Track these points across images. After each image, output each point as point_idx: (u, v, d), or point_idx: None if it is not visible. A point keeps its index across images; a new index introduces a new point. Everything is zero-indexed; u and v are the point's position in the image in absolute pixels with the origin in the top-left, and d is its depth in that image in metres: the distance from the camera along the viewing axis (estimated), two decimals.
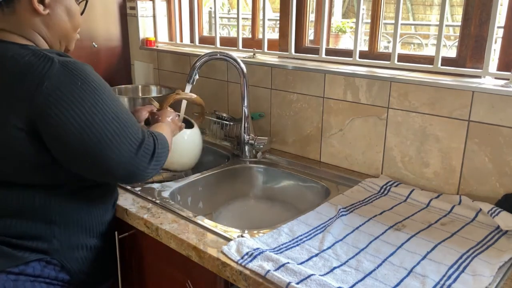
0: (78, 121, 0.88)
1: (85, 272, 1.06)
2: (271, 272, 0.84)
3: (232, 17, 4.83)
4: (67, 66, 0.89)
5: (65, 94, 0.87)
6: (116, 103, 0.95)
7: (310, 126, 1.51)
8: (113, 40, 2.12)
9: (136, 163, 0.95)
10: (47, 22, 0.98)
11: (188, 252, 0.98)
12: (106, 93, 0.93)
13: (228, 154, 1.59)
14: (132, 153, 0.94)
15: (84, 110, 0.88)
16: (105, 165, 0.92)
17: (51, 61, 0.89)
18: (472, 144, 1.17)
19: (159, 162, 1.01)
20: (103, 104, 0.91)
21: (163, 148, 1.03)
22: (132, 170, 0.95)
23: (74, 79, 0.89)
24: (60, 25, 1.01)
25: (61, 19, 1.00)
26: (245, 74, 1.48)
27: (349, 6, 4.81)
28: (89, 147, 0.90)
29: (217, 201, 1.43)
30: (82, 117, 0.88)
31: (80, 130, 0.88)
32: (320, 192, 1.34)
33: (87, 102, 0.89)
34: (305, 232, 1.02)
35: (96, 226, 1.07)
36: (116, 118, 0.93)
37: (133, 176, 0.97)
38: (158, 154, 1.00)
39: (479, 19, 1.21)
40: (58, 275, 1.00)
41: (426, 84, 1.22)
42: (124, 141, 0.93)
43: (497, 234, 1.02)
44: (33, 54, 0.90)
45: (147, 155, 0.97)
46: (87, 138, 0.89)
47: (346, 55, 1.47)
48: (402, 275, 0.86)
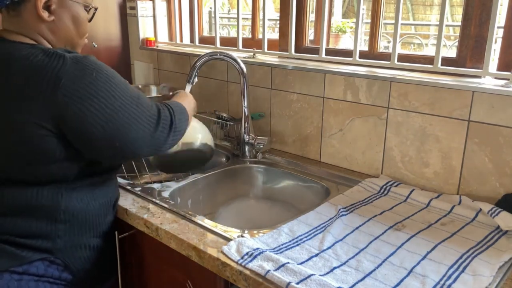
0: (100, 111, 0.91)
1: (88, 271, 1.06)
2: (271, 272, 0.84)
3: (232, 17, 4.83)
4: (78, 60, 0.91)
5: (83, 88, 0.89)
6: (128, 86, 0.98)
7: (310, 126, 1.51)
8: (113, 40, 2.12)
9: (157, 137, 1.00)
10: (52, 28, 0.98)
11: (188, 252, 0.98)
12: (117, 78, 0.96)
13: (228, 154, 1.59)
14: (152, 129, 0.99)
15: (103, 99, 0.91)
16: (131, 147, 0.96)
17: (63, 58, 0.90)
18: (472, 144, 1.17)
19: (179, 131, 1.07)
20: (118, 89, 0.94)
21: (181, 116, 1.07)
22: (155, 145, 1.00)
23: (88, 71, 0.90)
24: (65, 32, 1.01)
25: (66, 26, 1.00)
26: (245, 74, 1.48)
27: (349, 6, 4.81)
28: (113, 135, 0.93)
29: (217, 201, 1.43)
30: (103, 106, 0.91)
31: (103, 119, 0.91)
32: (320, 192, 1.34)
33: (104, 91, 0.91)
34: (305, 232, 1.02)
35: (99, 225, 1.08)
36: (131, 100, 0.96)
37: (157, 150, 1.03)
38: (177, 124, 1.05)
39: (479, 19, 1.21)
40: (62, 275, 1.01)
41: (426, 84, 1.22)
42: (144, 120, 0.97)
43: (497, 234, 1.02)
44: (44, 53, 0.91)
45: (165, 128, 1.02)
46: (111, 125, 0.92)
47: (346, 55, 1.47)
48: (402, 275, 0.86)
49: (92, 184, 1.04)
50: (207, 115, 1.76)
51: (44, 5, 0.95)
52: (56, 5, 0.97)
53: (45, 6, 0.95)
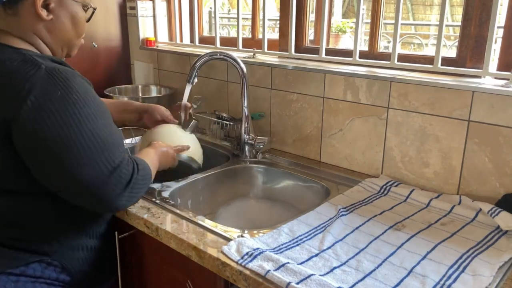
0: (52, 131, 0.86)
1: (86, 272, 1.06)
2: (271, 272, 0.84)
3: (232, 17, 4.83)
4: (53, 74, 0.88)
5: (43, 102, 0.85)
6: (98, 120, 0.91)
7: (310, 126, 1.51)
8: (113, 40, 2.12)
9: (108, 187, 0.90)
10: (49, 27, 0.96)
11: (188, 252, 0.98)
12: (88, 107, 0.90)
13: (228, 154, 1.59)
14: (103, 175, 0.90)
15: (60, 121, 0.86)
16: (75, 182, 0.88)
17: (38, 67, 0.88)
18: (472, 144, 1.17)
19: (136, 193, 0.97)
20: (81, 118, 0.88)
21: (143, 179, 0.99)
22: (103, 194, 0.90)
23: (55, 88, 0.87)
24: (63, 31, 0.99)
25: (64, 26, 0.98)
26: (245, 74, 1.48)
27: (349, 6, 4.81)
28: (58, 159, 0.87)
29: (217, 201, 1.43)
30: (56, 127, 0.86)
31: (53, 140, 0.86)
32: (320, 192, 1.34)
33: (62, 114, 0.86)
34: (305, 232, 1.02)
35: (94, 227, 1.07)
36: (92, 135, 0.89)
37: (104, 201, 0.92)
38: (135, 184, 0.96)
39: (479, 19, 1.21)
40: (59, 276, 1.00)
41: (426, 84, 1.22)
42: (97, 161, 0.89)
43: (497, 234, 1.02)
44: (23, 59, 0.89)
45: (120, 183, 0.92)
46: (58, 149, 0.86)
47: (346, 55, 1.47)
48: (402, 275, 0.86)
49: None
50: (207, 115, 1.76)
51: (43, 3, 0.93)
52: (55, 4, 0.95)
53: (43, 4, 0.93)
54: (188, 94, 1.47)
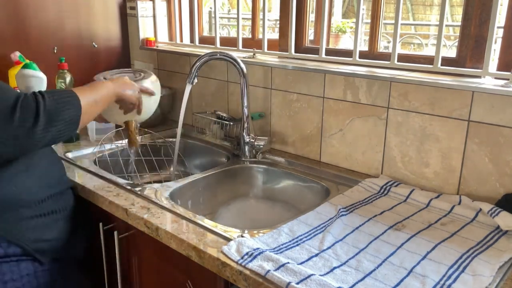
0: None
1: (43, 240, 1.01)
2: (271, 272, 0.84)
3: (232, 17, 4.83)
4: None
5: None
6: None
7: (310, 126, 1.51)
8: (113, 40, 2.12)
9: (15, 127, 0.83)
10: None
11: (188, 252, 0.98)
12: None
13: (228, 154, 1.59)
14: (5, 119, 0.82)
15: None
16: None
17: None
18: (472, 144, 1.17)
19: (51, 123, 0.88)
20: None
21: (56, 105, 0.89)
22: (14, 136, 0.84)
23: None
24: None
25: None
26: (245, 74, 1.48)
27: (349, 6, 4.81)
28: None
29: (217, 201, 1.43)
30: None
31: None
32: (320, 192, 1.34)
33: None
34: (305, 232, 1.02)
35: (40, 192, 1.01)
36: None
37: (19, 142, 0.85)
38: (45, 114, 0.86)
39: (479, 19, 1.21)
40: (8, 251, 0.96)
41: (426, 84, 1.22)
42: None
43: (497, 234, 1.02)
44: None
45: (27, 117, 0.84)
46: None
47: (346, 55, 1.47)
48: (402, 275, 0.86)
49: None
50: (207, 115, 1.76)
51: None
52: None
53: None
54: (188, 94, 1.47)
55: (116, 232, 1.18)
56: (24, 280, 1.00)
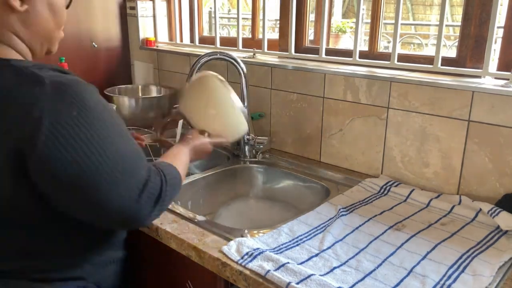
0: (72, 158, 0.74)
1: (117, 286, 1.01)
2: (271, 272, 0.84)
3: (232, 17, 4.83)
4: (61, 90, 0.75)
5: (60, 128, 0.73)
6: (119, 138, 0.81)
7: (310, 126, 1.51)
8: (113, 40, 2.12)
9: (137, 208, 0.80)
10: (25, 20, 0.81)
11: (188, 252, 0.98)
12: (106, 123, 0.79)
13: (228, 154, 1.59)
14: (133, 197, 0.80)
15: (79, 145, 0.74)
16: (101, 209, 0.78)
17: (41, 83, 0.74)
18: (472, 144, 1.17)
19: (164, 206, 0.88)
20: (102, 138, 0.77)
21: (172, 190, 0.89)
22: (132, 216, 0.81)
23: (68, 108, 0.74)
24: (42, 23, 0.83)
25: (42, 17, 0.83)
26: (245, 74, 1.48)
27: (349, 6, 4.81)
28: (83, 189, 0.76)
29: (217, 201, 1.43)
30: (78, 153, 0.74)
31: (74, 169, 0.74)
32: (320, 192, 1.34)
33: (82, 137, 0.75)
34: (305, 232, 1.02)
35: (118, 237, 1.00)
36: (118, 156, 0.79)
37: (132, 222, 0.83)
38: (165, 198, 0.85)
39: (479, 19, 1.21)
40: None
41: (426, 84, 1.22)
42: (125, 184, 0.79)
43: (497, 234, 1.02)
44: (18, 74, 0.75)
45: (151, 199, 0.82)
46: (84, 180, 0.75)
47: (346, 55, 1.47)
48: (402, 275, 0.86)
49: None
50: None
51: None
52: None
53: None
54: None
55: None
56: None
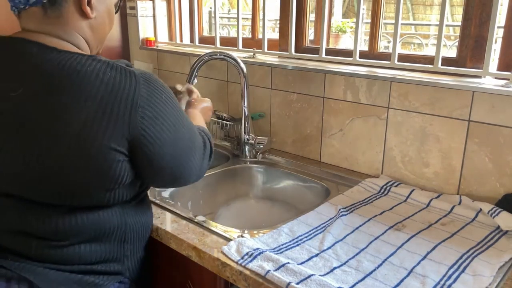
0: (169, 136, 0.86)
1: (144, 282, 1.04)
2: (271, 272, 0.84)
3: (232, 17, 4.83)
4: (149, 81, 0.85)
5: (156, 110, 0.84)
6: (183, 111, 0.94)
7: (310, 126, 1.51)
8: (113, 40, 2.12)
9: (203, 167, 0.99)
10: (92, 25, 0.90)
11: (188, 252, 0.98)
12: (176, 101, 0.91)
13: (228, 154, 1.59)
14: (201, 159, 0.98)
15: (172, 124, 0.87)
16: (186, 175, 0.94)
17: (135, 76, 0.83)
18: (472, 144, 1.17)
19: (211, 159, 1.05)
20: (181, 116, 0.91)
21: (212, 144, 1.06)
22: (200, 173, 0.99)
23: (159, 94, 0.85)
24: (103, 28, 0.95)
25: (104, 23, 0.94)
26: (245, 74, 1.48)
27: (349, 6, 4.81)
28: (177, 160, 0.90)
29: (217, 201, 1.43)
30: (172, 131, 0.86)
31: (171, 145, 0.87)
32: (320, 192, 1.34)
33: (172, 116, 0.87)
34: (305, 232, 1.02)
35: (147, 234, 1.03)
36: (189, 128, 0.93)
37: (199, 177, 1.00)
38: (212, 152, 1.05)
39: (479, 19, 1.21)
40: None
41: (426, 84, 1.22)
42: (197, 150, 0.96)
43: (497, 234, 1.02)
44: (112, 68, 0.82)
45: (206, 157, 1.01)
46: (177, 151, 0.89)
47: (346, 55, 1.47)
48: (402, 275, 0.86)
49: (143, 200, 1.00)
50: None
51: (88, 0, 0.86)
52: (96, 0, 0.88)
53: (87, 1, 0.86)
54: None
55: None
56: None
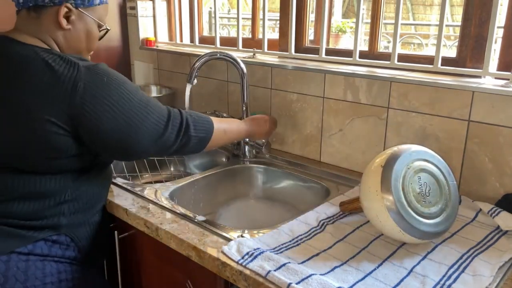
0: (111, 112, 0.97)
1: (89, 248, 1.11)
2: (272, 273, 0.83)
3: (232, 17, 4.83)
4: (90, 68, 0.98)
5: (96, 91, 0.96)
6: (138, 91, 1.04)
7: (310, 126, 1.51)
8: (113, 40, 2.12)
9: (166, 139, 1.04)
10: (66, 36, 1.05)
11: (188, 252, 0.98)
12: (127, 84, 1.02)
13: (228, 154, 1.59)
14: (161, 130, 1.03)
15: (114, 101, 0.97)
16: (139, 146, 1.01)
17: (77, 65, 0.97)
18: (472, 144, 1.17)
19: (192, 136, 1.08)
20: (128, 94, 1.00)
21: (197, 122, 1.10)
22: (162, 145, 1.04)
23: (100, 77, 0.97)
24: (77, 42, 1.07)
25: (79, 38, 1.07)
26: (245, 74, 1.48)
27: (349, 6, 4.81)
28: (124, 134, 0.99)
29: (217, 201, 1.43)
30: (113, 108, 0.97)
31: (114, 120, 0.97)
32: (320, 192, 1.34)
33: (115, 95, 0.98)
34: (305, 232, 1.02)
35: (97, 203, 1.13)
36: (141, 103, 1.02)
37: (164, 150, 1.06)
38: (189, 128, 1.08)
39: (479, 19, 1.21)
40: (65, 253, 1.05)
41: (426, 84, 1.22)
42: (153, 121, 1.02)
43: (497, 234, 1.02)
44: (61, 59, 0.97)
45: (174, 129, 1.05)
46: (120, 125, 0.98)
47: (346, 55, 1.47)
48: (402, 274, 0.86)
49: (96, 169, 1.10)
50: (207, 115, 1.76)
51: (65, 14, 1.02)
52: (76, 17, 1.04)
53: (65, 15, 1.02)
54: (188, 94, 1.47)
55: (116, 232, 1.18)
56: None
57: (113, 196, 1.20)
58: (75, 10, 1.03)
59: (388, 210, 0.89)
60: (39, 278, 0.99)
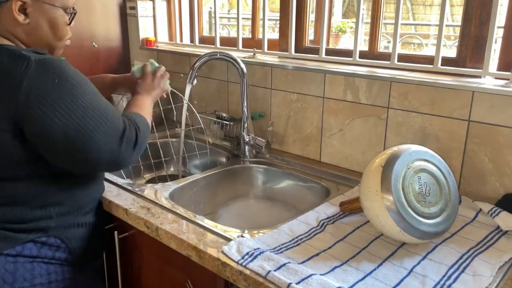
0: (60, 118, 0.90)
1: (81, 249, 1.09)
2: (272, 273, 0.83)
3: (232, 17, 4.83)
4: (44, 64, 0.91)
5: (44, 93, 0.89)
6: (94, 96, 0.97)
7: (310, 126, 1.51)
8: (113, 40, 2.12)
9: (120, 154, 0.98)
10: (27, 30, 0.98)
11: (188, 252, 0.98)
12: (83, 88, 0.95)
13: (228, 154, 1.59)
14: (114, 145, 0.96)
15: (64, 106, 0.90)
16: (89, 158, 0.95)
17: (28, 60, 0.90)
18: (472, 144, 1.17)
19: (141, 149, 1.04)
20: (81, 99, 0.93)
21: (144, 135, 1.05)
22: (115, 161, 0.98)
23: (51, 77, 0.90)
24: (41, 35, 1.01)
25: (42, 30, 1.00)
26: (245, 74, 1.48)
27: (349, 6, 4.81)
28: (72, 142, 0.92)
29: (217, 201, 1.43)
30: (63, 113, 0.90)
31: (62, 126, 0.90)
32: (320, 192, 1.34)
33: (66, 98, 0.91)
34: (305, 232, 1.02)
35: (89, 203, 1.11)
36: (95, 111, 0.94)
37: (117, 166, 1.01)
38: (140, 143, 1.03)
39: (479, 19, 1.21)
40: (55, 255, 1.04)
41: (426, 84, 1.22)
42: (106, 134, 0.95)
43: (497, 234, 1.02)
44: (10, 55, 0.91)
45: (129, 146, 0.99)
46: (69, 133, 0.91)
47: (346, 55, 1.47)
48: (402, 274, 0.86)
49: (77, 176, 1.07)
50: (207, 115, 1.76)
51: (19, 7, 0.95)
52: (32, 9, 0.96)
53: (21, 9, 0.95)
54: (188, 94, 1.47)
55: (116, 232, 1.18)
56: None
57: (113, 196, 1.20)
58: (31, 1, 0.95)
59: (388, 210, 0.89)
60: (27, 279, 0.98)
